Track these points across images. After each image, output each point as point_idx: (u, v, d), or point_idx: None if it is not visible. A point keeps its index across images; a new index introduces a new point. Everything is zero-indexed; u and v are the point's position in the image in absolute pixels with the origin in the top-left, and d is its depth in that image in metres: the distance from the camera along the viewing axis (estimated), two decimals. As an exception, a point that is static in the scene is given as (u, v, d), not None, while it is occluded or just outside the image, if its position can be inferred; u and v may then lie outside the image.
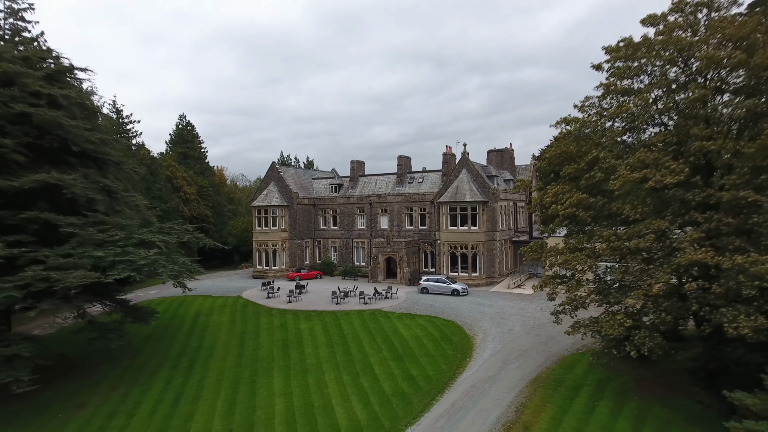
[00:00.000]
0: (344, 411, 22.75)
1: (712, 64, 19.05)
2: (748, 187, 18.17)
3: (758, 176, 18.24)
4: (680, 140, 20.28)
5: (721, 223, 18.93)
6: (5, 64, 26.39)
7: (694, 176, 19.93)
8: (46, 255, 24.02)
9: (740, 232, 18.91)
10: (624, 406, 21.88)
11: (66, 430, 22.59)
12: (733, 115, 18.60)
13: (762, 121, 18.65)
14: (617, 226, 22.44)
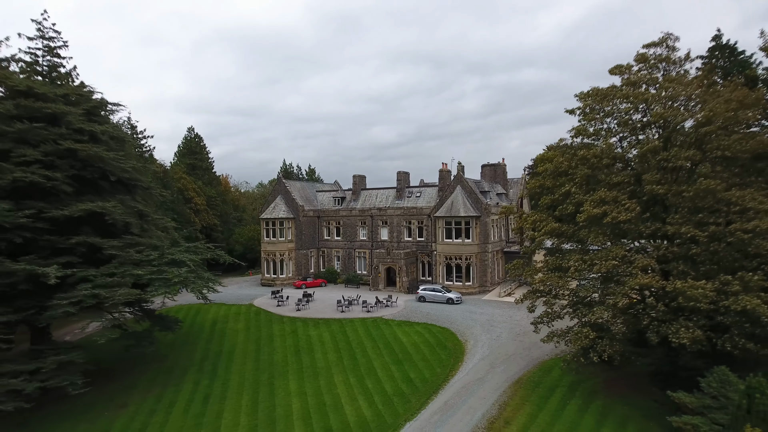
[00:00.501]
0: (352, 409, 26.53)
1: (662, 119, 22.92)
2: (689, 224, 22.04)
3: (696, 215, 22.11)
4: (636, 181, 24.13)
5: (668, 251, 22.82)
6: (53, 105, 30.10)
7: (645, 212, 23.76)
8: (93, 275, 27.72)
9: (684, 259, 22.76)
10: (591, 404, 25.71)
11: (114, 426, 26.32)
12: (676, 164, 22.39)
13: (700, 168, 22.51)
14: (585, 249, 26.20)
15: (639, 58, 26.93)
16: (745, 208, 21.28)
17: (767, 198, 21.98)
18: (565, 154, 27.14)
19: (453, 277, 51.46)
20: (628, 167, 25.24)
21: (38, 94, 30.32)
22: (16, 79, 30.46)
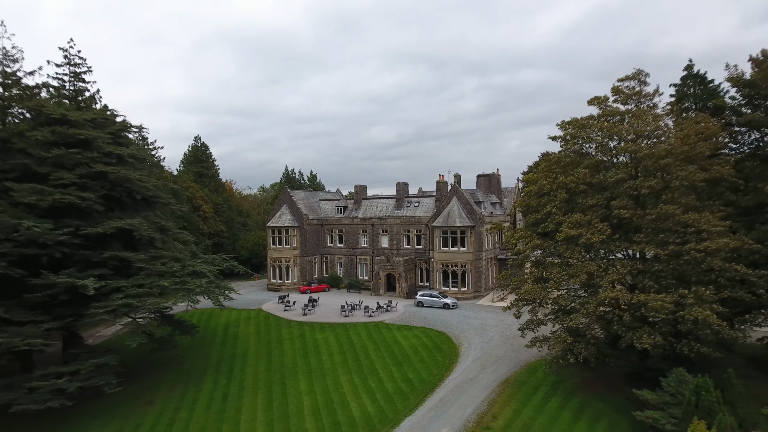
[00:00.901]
0: (357, 405, 29.72)
1: (628, 152, 26.16)
2: (652, 243, 25.27)
3: (658, 235, 25.33)
4: (608, 205, 27.34)
5: (634, 267, 26.06)
6: (85, 132, 33.26)
7: (615, 233, 26.98)
8: (124, 285, 30.89)
9: (648, 274, 25.99)
10: (570, 401, 28.93)
11: (145, 421, 29.49)
12: (640, 192, 25.60)
13: (661, 194, 25.73)
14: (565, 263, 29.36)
15: (614, 90, 30.15)
16: (700, 229, 24.53)
17: (720, 221, 25.28)
18: (547, 177, 30.34)
19: (449, 283, 54.68)
20: (604, 190, 28.35)
21: (71, 121, 33.48)
22: (51, 108, 33.54)
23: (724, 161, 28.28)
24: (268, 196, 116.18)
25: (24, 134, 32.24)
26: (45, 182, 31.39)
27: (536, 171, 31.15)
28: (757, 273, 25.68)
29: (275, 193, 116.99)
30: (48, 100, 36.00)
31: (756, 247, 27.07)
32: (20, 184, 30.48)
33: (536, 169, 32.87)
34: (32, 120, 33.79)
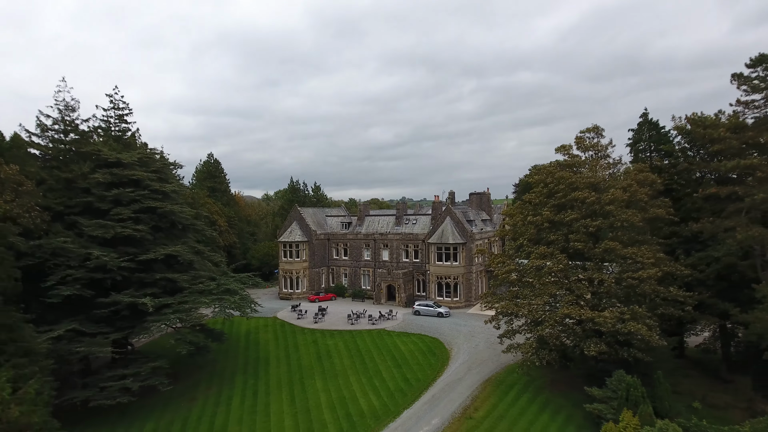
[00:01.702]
0: (365, 400, 36.34)
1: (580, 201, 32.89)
2: (599, 271, 31.99)
3: (604, 265, 32.05)
4: (566, 239, 34.04)
5: (585, 290, 32.78)
6: (136, 172, 39.83)
7: (572, 262, 33.70)
8: (171, 302, 37.47)
9: (597, 295, 32.72)
10: (538, 397, 35.61)
11: (192, 414, 36.05)
12: (589, 230, 32.31)
13: (605, 232, 32.45)
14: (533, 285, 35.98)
15: (577, 141, 37.04)
16: (636, 261, 31.28)
17: (652, 253, 32.04)
18: (521, 213, 37.11)
19: (443, 293, 61.37)
20: (564, 226, 35.00)
21: (124, 164, 40.05)
22: (108, 153, 40.06)
23: (661, 203, 35.09)
24: (274, 206, 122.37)
25: (86, 176, 38.83)
26: (105, 216, 38.00)
27: (513, 207, 37.94)
28: (683, 293, 32.50)
29: (281, 203, 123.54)
30: (103, 144, 42.49)
31: (686, 273, 33.93)
32: (88, 219, 37.13)
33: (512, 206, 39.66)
34: (92, 162, 40.26)
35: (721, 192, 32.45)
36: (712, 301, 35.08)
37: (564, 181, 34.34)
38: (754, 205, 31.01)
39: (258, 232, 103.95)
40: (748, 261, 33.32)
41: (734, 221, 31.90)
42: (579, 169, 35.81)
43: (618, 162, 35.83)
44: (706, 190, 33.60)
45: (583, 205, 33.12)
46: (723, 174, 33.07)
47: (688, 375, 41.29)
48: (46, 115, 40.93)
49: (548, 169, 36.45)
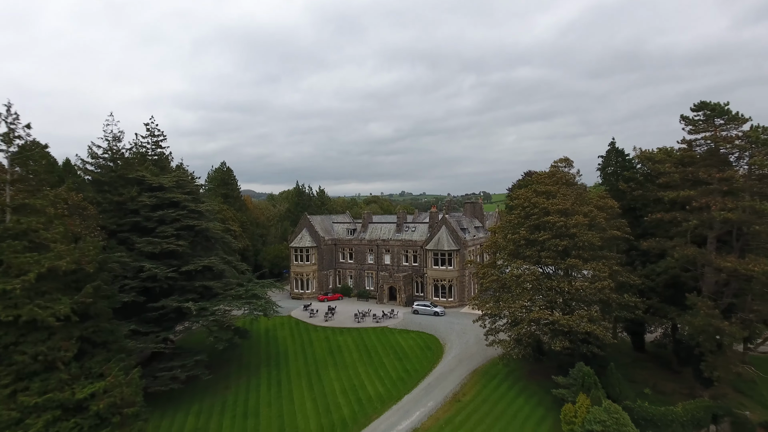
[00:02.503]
0: (372, 388, 43.52)
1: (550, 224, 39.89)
2: (564, 281, 39.05)
3: (570, 275, 39.13)
4: (539, 255, 41.08)
5: (553, 297, 39.90)
6: (175, 195, 46.71)
7: (544, 270, 40.77)
8: (207, 306, 44.51)
9: (564, 302, 39.81)
10: (516, 384, 42.83)
11: (228, 399, 43.22)
12: (558, 248, 39.34)
13: (570, 251, 39.48)
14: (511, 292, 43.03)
15: (551, 168, 44.02)
16: (594, 274, 38.38)
17: (608, 267, 39.13)
18: (502, 231, 44.15)
19: (439, 294, 68.53)
20: (537, 244, 41.97)
21: (165, 188, 46.96)
22: (151, 179, 46.89)
23: (618, 224, 42.18)
24: (281, 209, 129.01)
25: (134, 199, 45.76)
26: (152, 233, 44.99)
27: (496, 227, 44.99)
28: (634, 299, 39.67)
29: (287, 205, 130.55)
30: (145, 168, 49.29)
31: (638, 282, 41.10)
32: (137, 236, 44.14)
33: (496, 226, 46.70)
34: (138, 186, 47.10)
35: (665, 217, 39.47)
36: (660, 306, 42.27)
37: (538, 205, 41.34)
38: (689, 229, 38.05)
39: (267, 234, 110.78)
40: (690, 273, 40.40)
41: (675, 242, 39.01)
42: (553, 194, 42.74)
43: (583, 190, 42.81)
44: (654, 215, 40.57)
45: (553, 227, 40.10)
46: (667, 202, 40.00)
47: (645, 366, 48.62)
48: (97, 146, 47.92)
49: (523, 194, 43.47)
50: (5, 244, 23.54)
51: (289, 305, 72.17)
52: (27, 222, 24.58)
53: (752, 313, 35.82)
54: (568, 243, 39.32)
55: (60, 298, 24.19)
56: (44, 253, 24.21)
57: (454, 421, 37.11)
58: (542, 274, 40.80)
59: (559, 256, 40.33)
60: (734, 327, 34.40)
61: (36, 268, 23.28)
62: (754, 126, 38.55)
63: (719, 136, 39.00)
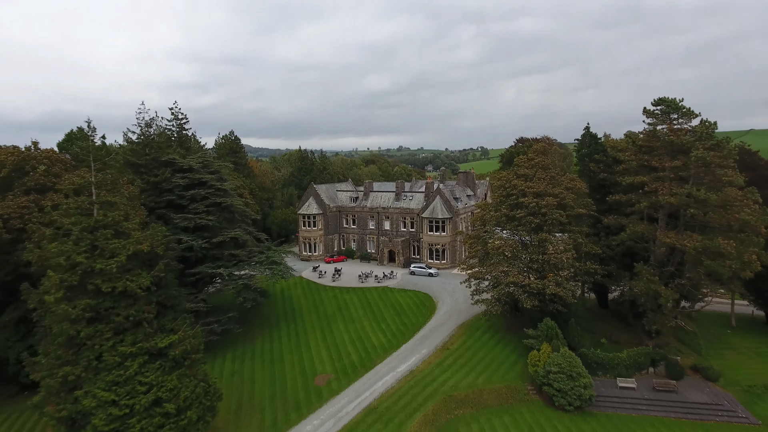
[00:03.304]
0: (375, 338, 52.25)
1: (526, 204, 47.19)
2: (537, 252, 46.87)
3: (541, 248, 46.89)
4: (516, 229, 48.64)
5: (528, 264, 47.85)
6: (203, 175, 53.44)
7: (521, 245, 48.53)
8: (235, 272, 52.39)
9: (537, 268, 47.78)
10: (495, 335, 51.59)
11: (256, 348, 51.91)
12: (532, 225, 46.84)
13: (542, 226, 47.03)
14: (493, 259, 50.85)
15: (528, 159, 50.87)
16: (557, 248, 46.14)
17: (572, 240, 46.83)
18: (484, 209, 51.55)
19: (434, 257, 76.73)
20: (516, 220, 49.39)
21: (194, 169, 53.69)
22: (181, 161, 53.49)
23: (585, 203, 49.54)
24: (285, 173, 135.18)
25: (169, 180, 52.59)
26: (185, 210, 52.19)
27: (482, 203, 52.29)
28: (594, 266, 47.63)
29: (291, 170, 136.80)
30: (173, 150, 55.73)
31: (599, 251, 48.93)
32: (174, 213, 51.35)
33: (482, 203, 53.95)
34: (170, 167, 53.73)
35: (622, 198, 46.82)
36: (617, 271, 50.40)
37: (517, 187, 48.56)
38: (641, 209, 45.50)
39: (273, 198, 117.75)
40: (641, 245, 48.19)
41: (629, 219, 46.57)
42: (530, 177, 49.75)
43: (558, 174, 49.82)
44: (614, 196, 47.87)
45: (528, 206, 47.45)
46: (625, 185, 47.16)
47: (606, 320, 57.44)
48: (131, 132, 54.27)
49: (508, 176, 50.54)
50: (99, 233, 30.72)
51: (299, 267, 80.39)
52: (111, 216, 31.69)
53: (685, 279, 43.94)
54: (540, 220, 46.83)
55: (141, 273, 31.63)
56: (127, 239, 31.46)
57: (443, 364, 45.93)
58: (520, 244, 48.55)
59: (533, 231, 47.95)
60: (669, 291, 42.60)
61: (124, 251, 30.57)
62: (703, 121, 45.29)
63: (673, 129, 45.70)
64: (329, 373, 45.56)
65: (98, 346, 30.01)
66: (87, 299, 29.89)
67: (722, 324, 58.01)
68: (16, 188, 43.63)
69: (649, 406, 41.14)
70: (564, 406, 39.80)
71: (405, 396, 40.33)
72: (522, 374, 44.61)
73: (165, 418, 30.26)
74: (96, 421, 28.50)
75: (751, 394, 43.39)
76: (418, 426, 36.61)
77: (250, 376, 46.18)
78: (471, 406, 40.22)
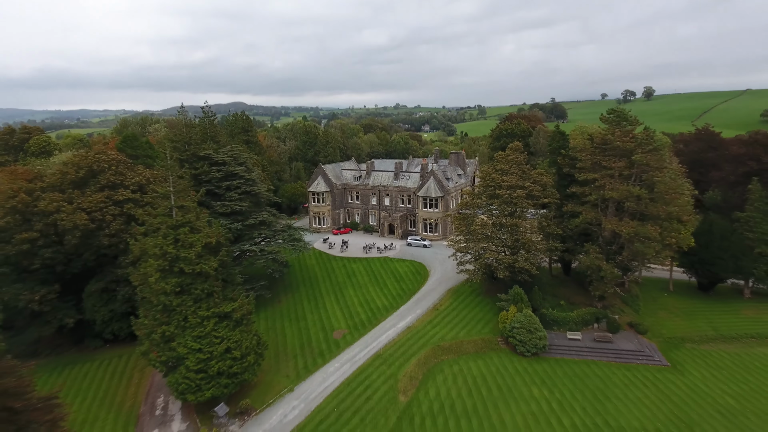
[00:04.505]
0: (379, 301, 64.72)
1: (500, 195, 58.43)
2: (507, 233, 58.63)
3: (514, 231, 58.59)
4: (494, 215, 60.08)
5: (500, 242, 59.74)
6: (233, 168, 64.11)
7: (496, 226, 60.19)
8: (265, 248, 64.02)
9: (510, 245, 59.66)
10: (476, 299, 64.14)
11: (282, 308, 64.32)
12: (506, 212, 58.23)
13: (514, 213, 58.49)
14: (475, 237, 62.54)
15: (503, 156, 61.71)
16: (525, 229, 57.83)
17: (538, 223, 58.47)
18: (470, 196, 62.83)
19: (428, 230, 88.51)
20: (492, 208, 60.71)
21: (227, 162, 64.22)
22: (217, 156, 63.91)
23: (549, 193, 60.77)
24: (291, 147, 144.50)
25: (207, 172, 63.26)
26: (222, 198, 63.18)
27: (467, 191, 63.54)
28: (554, 244, 59.48)
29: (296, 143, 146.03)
30: (207, 146, 66.08)
31: (560, 232, 60.66)
32: (213, 201, 62.37)
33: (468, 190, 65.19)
34: (206, 161, 64.23)
35: (578, 190, 58.10)
36: (574, 248, 62.32)
37: (495, 181, 59.67)
38: (592, 201, 56.91)
39: (282, 171, 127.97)
40: (593, 228, 59.85)
41: (583, 208, 58.06)
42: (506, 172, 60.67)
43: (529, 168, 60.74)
44: (572, 188, 59.08)
45: (502, 197, 58.69)
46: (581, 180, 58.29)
47: (568, 286, 69.94)
48: (174, 132, 64.35)
49: (487, 170, 61.47)
50: (180, 230, 41.84)
51: (310, 238, 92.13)
52: (187, 216, 42.77)
53: (623, 256, 55.98)
54: (512, 209, 58.24)
55: (210, 258, 43.00)
56: (199, 233, 42.66)
57: (433, 321, 58.55)
58: (497, 226, 60.20)
59: (507, 217, 59.46)
60: (609, 265, 54.72)
61: (199, 243, 41.80)
62: (645, 128, 55.96)
63: (621, 134, 56.38)
64: (344, 329, 58.15)
65: (184, 311, 41.91)
66: (175, 278, 41.52)
67: (662, 288, 70.70)
68: (91, 186, 54.28)
69: (590, 353, 54.08)
70: (524, 353, 52.66)
71: (403, 346, 53.01)
72: (494, 329, 57.33)
73: (233, 360, 42.60)
74: (188, 363, 40.82)
75: (669, 344, 56.43)
76: (413, 367, 49.42)
77: (281, 331, 58.76)
78: (453, 353, 53.07)
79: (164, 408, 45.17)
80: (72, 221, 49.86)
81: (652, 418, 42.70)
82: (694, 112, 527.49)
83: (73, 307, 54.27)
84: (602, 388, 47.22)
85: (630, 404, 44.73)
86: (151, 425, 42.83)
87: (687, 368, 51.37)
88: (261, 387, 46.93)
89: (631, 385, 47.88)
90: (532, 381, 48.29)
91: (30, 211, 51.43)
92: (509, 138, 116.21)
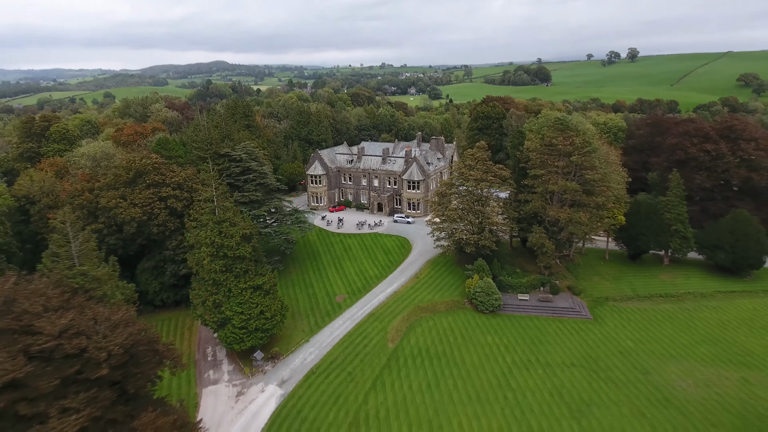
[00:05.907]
0: (371, 271, 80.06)
1: (468, 187, 73.03)
2: (478, 216, 73.69)
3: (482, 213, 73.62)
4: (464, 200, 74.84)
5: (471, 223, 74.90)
6: (248, 164, 77.43)
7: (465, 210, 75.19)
8: (277, 229, 78.27)
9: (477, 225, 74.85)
10: (450, 269, 79.84)
11: (293, 278, 79.29)
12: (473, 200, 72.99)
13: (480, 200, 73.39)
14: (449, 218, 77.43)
15: (470, 155, 76.06)
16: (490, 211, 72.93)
17: (499, 209, 73.58)
18: (446, 185, 77.38)
19: (412, 208, 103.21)
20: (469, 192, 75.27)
21: (242, 158, 77.34)
22: (235, 154, 76.83)
23: (507, 186, 75.52)
24: (286, 127, 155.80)
25: (228, 168, 76.43)
26: (241, 190, 76.70)
27: (443, 181, 77.96)
28: (511, 224, 74.88)
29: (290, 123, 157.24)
30: (225, 145, 78.79)
31: (516, 215, 75.97)
32: (233, 192, 75.90)
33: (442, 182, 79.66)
34: (225, 158, 77.11)
35: (529, 183, 72.92)
36: (527, 227, 77.75)
37: (464, 174, 74.11)
38: (539, 192, 71.92)
39: (279, 150, 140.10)
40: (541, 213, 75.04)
41: (533, 197, 73.05)
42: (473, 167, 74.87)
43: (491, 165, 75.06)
44: (525, 181, 73.80)
45: (469, 189, 73.22)
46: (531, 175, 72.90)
47: (524, 257, 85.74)
48: (196, 134, 76.95)
49: (459, 165, 75.69)
50: (223, 224, 55.77)
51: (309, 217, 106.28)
52: (227, 214, 56.63)
53: (561, 236, 71.60)
54: (478, 196, 73.00)
55: (245, 244, 57.23)
56: (236, 226, 56.66)
57: (415, 287, 74.24)
58: (466, 211, 75.06)
59: (474, 202, 74.27)
60: (551, 243, 70.34)
61: (237, 234, 55.91)
62: (582, 134, 70.34)
63: (562, 139, 70.68)
64: (344, 294, 73.59)
65: (228, 284, 56.55)
66: (221, 261, 55.88)
67: (600, 258, 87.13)
68: (139, 184, 67.31)
69: (534, 310, 70.46)
70: (483, 311, 68.80)
71: (391, 306, 68.70)
72: (462, 293, 73.25)
73: (265, 320, 57.72)
74: (234, 322, 55.83)
75: (596, 302, 73.08)
76: (398, 323, 65.22)
77: (294, 297, 73.99)
78: (430, 311, 68.99)
79: (213, 355, 60.62)
80: (129, 215, 63.35)
81: (570, 356, 59.41)
82: (674, 75, 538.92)
83: (128, 280, 68.44)
84: (539, 336, 63.74)
85: (557, 346, 61.36)
86: (206, 367, 58.35)
87: (605, 320, 68.14)
88: (285, 339, 62.49)
89: (560, 333, 64.50)
90: (488, 331, 64.60)
91: (93, 206, 64.68)
92: (485, 120, 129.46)
